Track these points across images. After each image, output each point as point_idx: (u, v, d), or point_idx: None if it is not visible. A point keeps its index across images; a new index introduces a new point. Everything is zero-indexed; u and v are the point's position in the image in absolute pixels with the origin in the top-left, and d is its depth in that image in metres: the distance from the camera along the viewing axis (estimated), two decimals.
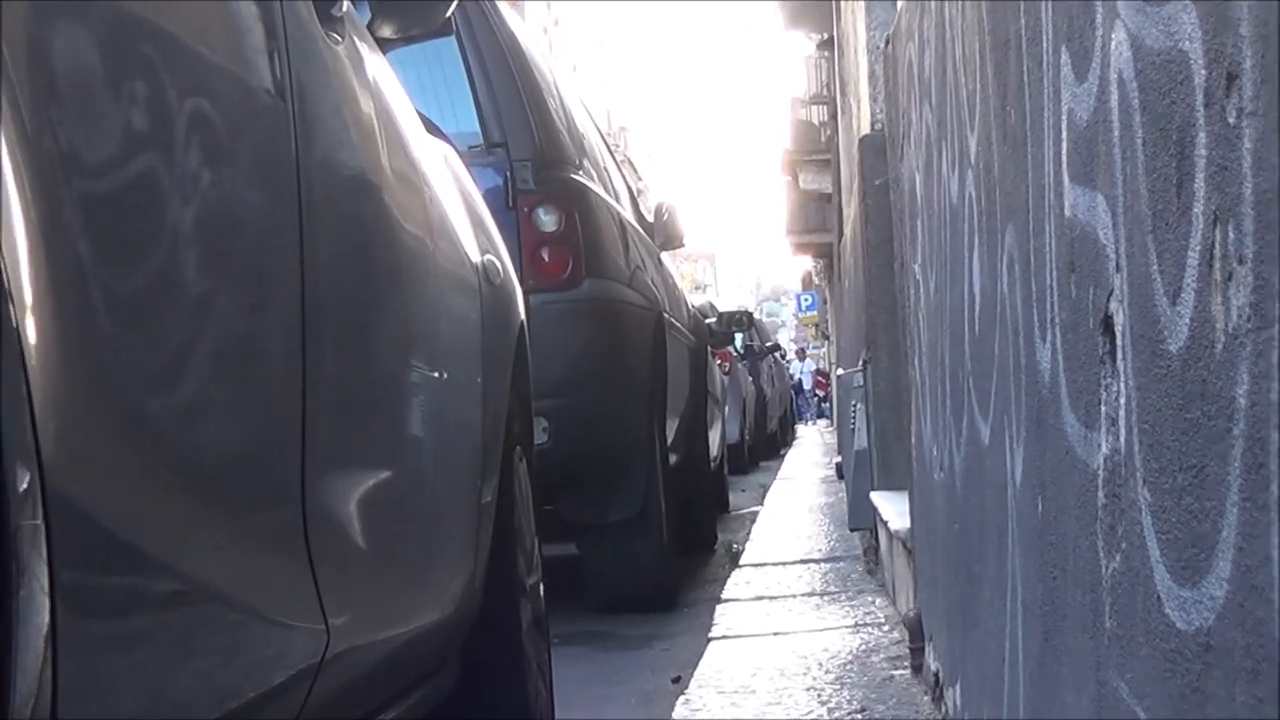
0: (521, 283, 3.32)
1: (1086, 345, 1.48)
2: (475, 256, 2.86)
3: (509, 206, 5.11)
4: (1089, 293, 1.46)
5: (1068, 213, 1.55)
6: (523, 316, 3.19)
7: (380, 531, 2.17)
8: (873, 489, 5.74)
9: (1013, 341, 1.96)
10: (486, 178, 4.99)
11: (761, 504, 10.55)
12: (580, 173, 5.47)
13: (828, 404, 33.03)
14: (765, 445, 20.05)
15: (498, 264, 3.01)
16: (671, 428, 6.38)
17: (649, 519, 5.55)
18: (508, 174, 5.16)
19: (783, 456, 19.64)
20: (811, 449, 21.28)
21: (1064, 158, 1.56)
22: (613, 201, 5.97)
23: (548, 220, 5.20)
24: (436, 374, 2.51)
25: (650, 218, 7.26)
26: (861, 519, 6.19)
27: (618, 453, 5.45)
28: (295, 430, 1.82)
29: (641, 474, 5.53)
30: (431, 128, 3.00)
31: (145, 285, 1.46)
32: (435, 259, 2.55)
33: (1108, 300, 1.39)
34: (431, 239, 2.54)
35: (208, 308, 1.60)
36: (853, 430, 6.46)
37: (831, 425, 25.49)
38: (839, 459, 11.13)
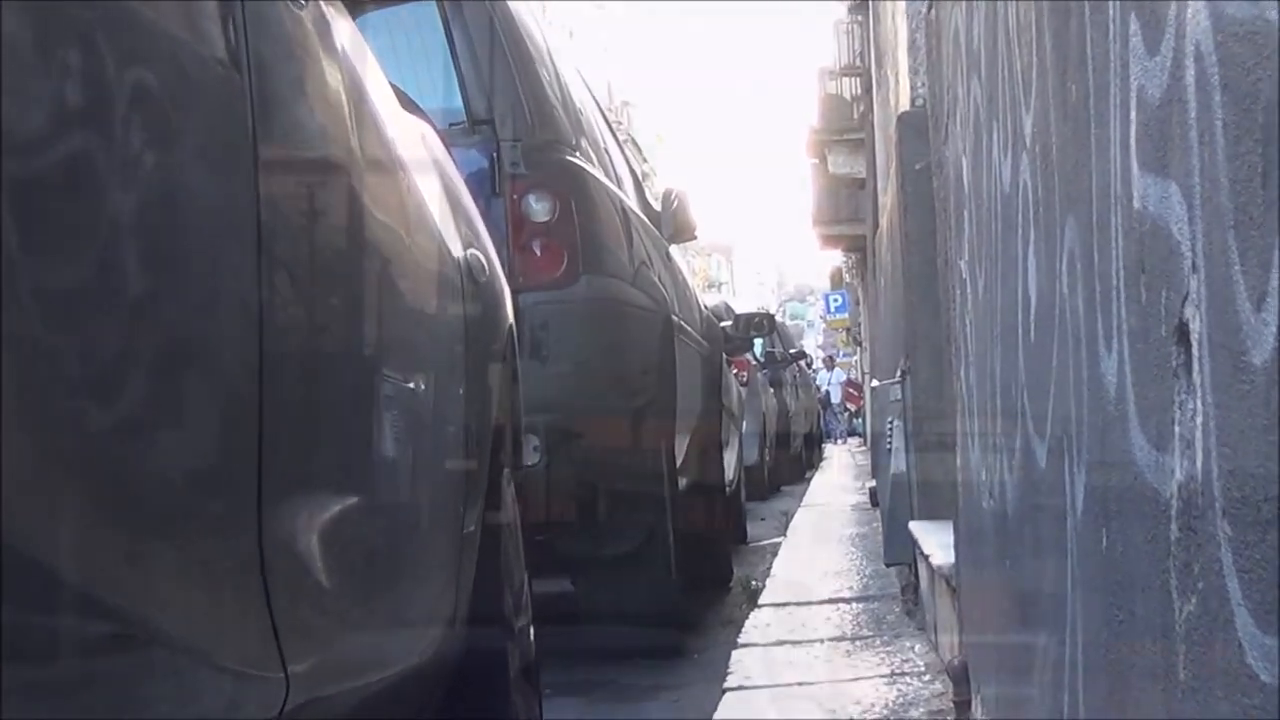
0: (510, 280, 3.33)
1: (1158, 356, 1.48)
2: (457, 251, 2.87)
3: (496, 193, 5.12)
4: (1161, 296, 1.46)
5: (1137, 204, 1.55)
6: (512, 319, 3.19)
7: (347, 566, 2.17)
8: (912, 518, 5.74)
9: (1073, 351, 1.96)
10: (470, 160, 5.00)
11: (784, 534, 10.56)
12: (577, 154, 5.48)
13: (860, 420, 33.05)
14: (788, 467, 20.05)
15: (483, 259, 3.02)
16: (681, 447, 6.38)
17: (655, 551, 5.55)
18: (494, 156, 5.16)
19: (808, 480, 19.66)
20: (841, 471, 21.28)
21: (1133, 141, 1.56)
22: (614, 187, 5.98)
23: (540, 209, 5.21)
24: (413, 385, 2.52)
25: (657, 206, 7.26)
26: (899, 552, 6.19)
27: (619, 475, 5.45)
28: (251, 450, 1.82)
29: (647, 500, 5.53)
30: (408, 103, 3.00)
31: (81, 285, 1.46)
32: (412, 254, 2.56)
33: (1182, 305, 1.39)
34: (408, 231, 2.54)
35: (152, 310, 1.60)
36: (889, 450, 6.47)
37: (864, 444, 25.49)
38: (873, 483, 11.13)
